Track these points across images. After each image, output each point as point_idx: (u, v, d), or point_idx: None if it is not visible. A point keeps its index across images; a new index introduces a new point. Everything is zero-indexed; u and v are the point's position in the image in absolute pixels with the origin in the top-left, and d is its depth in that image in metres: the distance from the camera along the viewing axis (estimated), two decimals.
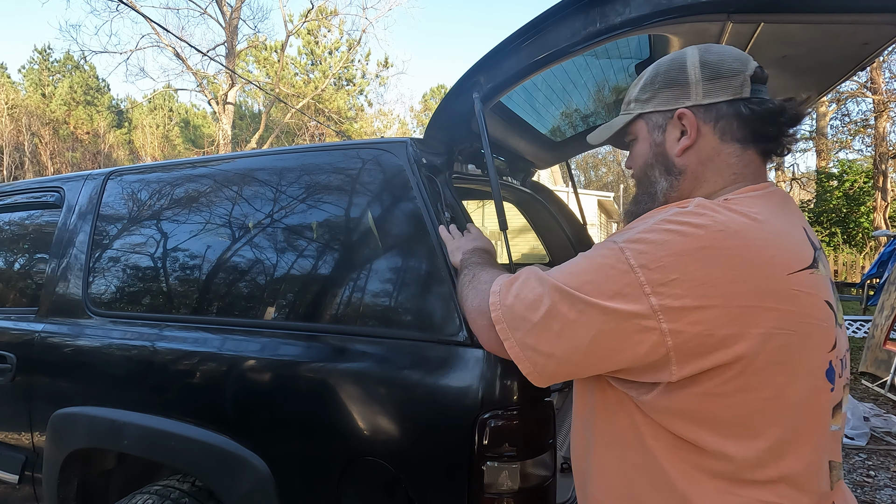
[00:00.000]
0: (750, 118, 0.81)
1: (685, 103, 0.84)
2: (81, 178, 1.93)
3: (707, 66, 0.82)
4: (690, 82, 0.84)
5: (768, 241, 0.70)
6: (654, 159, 0.88)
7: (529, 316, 0.77)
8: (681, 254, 0.68)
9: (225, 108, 18.75)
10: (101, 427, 1.51)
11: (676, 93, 0.85)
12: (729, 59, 0.82)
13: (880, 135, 14.61)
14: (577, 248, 2.57)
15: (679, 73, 0.85)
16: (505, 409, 1.08)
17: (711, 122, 0.82)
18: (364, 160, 1.40)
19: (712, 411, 0.69)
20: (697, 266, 0.67)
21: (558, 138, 2.22)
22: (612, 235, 0.77)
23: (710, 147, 0.83)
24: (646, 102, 0.88)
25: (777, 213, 0.76)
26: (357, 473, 1.18)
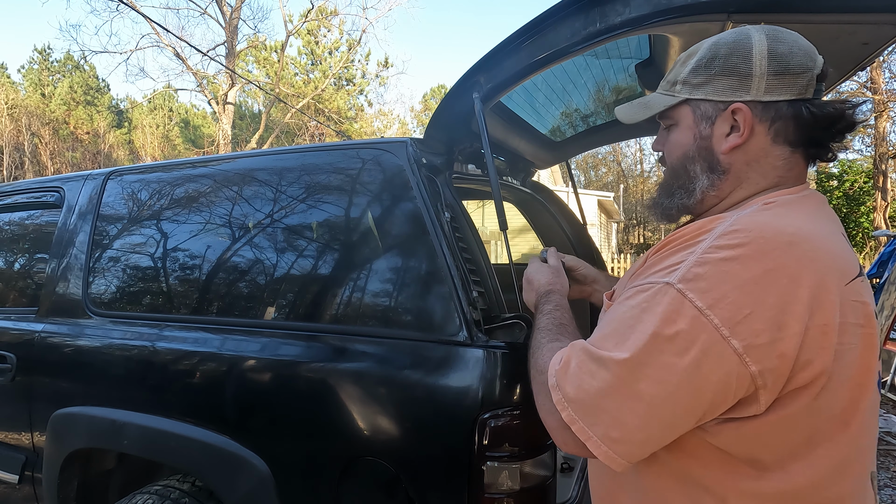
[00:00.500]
0: (809, 122, 0.74)
1: (742, 97, 0.75)
2: (81, 178, 1.93)
3: (776, 59, 0.74)
4: (754, 74, 0.74)
5: (823, 251, 0.66)
6: (696, 153, 0.80)
7: (605, 405, 0.66)
8: (747, 283, 0.62)
9: (225, 108, 18.74)
10: (101, 427, 1.51)
11: (735, 83, 0.76)
12: (799, 53, 0.74)
13: (880, 135, 14.61)
14: (577, 248, 2.57)
15: (742, 62, 0.75)
16: (505, 409, 1.08)
17: (767, 122, 0.75)
18: (364, 160, 1.40)
19: (784, 434, 0.65)
20: (768, 293, 0.62)
21: (558, 138, 2.22)
22: (652, 275, 0.69)
23: (760, 147, 0.76)
24: (696, 87, 0.79)
25: (819, 217, 0.72)
26: (357, 473, 1.18)
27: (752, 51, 0.75)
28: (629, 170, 38.82)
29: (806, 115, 0.74)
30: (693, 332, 0.62)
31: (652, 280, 0.69)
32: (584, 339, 0.74)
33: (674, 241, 0.72)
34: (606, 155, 37.77)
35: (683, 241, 0.70)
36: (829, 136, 0.76)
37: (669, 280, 0.66)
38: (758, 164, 0.77)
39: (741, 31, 0.77)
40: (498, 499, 1.07)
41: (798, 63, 0.74)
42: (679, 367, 0.63)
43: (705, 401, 0.63)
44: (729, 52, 0.76)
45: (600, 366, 0.67)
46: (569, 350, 0.74)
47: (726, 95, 0.76)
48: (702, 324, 0.62)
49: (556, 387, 0.72)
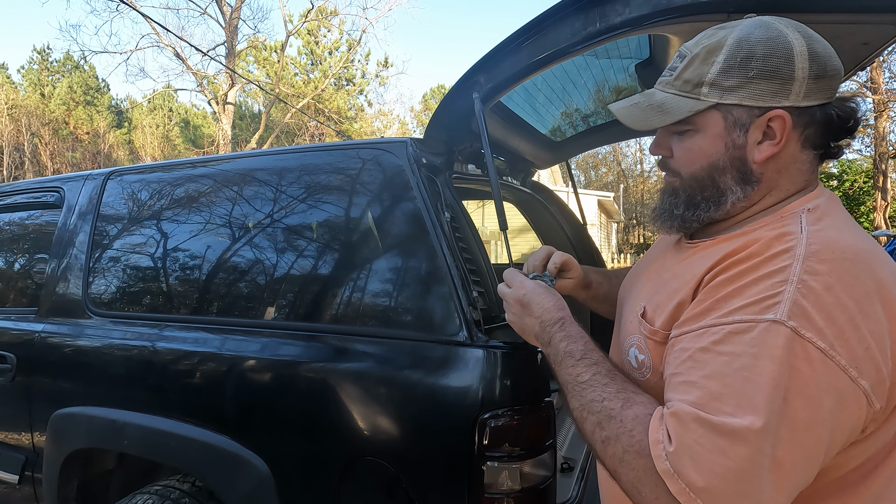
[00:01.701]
0: (835, 125, 0.71)
1: (781, 102, 0.69)
2: (81, 179, 1.93)
3: (816, 61, 0.68)
4: (796, 78, 0.68)
5: (886, 264, 0.63)
6: (728, 163, 0.73)
7: (745, 489, 0.55)
8: (855, 315, 0.58)
9: (225, 109, 18.74)
10: (102, 427, 1.51)
11: (775, 87, 0.69)
12: (833, 54, 0.70)
13: (880, 134, 14.62)
14: (577, 248, 2.57)
15: (784, 64, 0.68)
16: (505, 409, 1.08)
17: (801, 128, 0.71)
18: (364, 160, 1.40)
19: (870, 450, 0.64)
20: (872, 321, 0.58)
21: (558, 138, 2.22)
22: (739, 310, 0.61)
23: (790, 154, 0.72)
24: (729, 91, 0.70)
25: (854, 222, 0.70)
26: (357, 473, 1.18)
27: (794, 51, 0.68)
28: (629, 170, 38.82)
29: (836, 118, 0.70)
30: (823, 378, 0.56)
31: (746, 318, 0.60)
32: (680, 401, 0.62)
33: (741, 263, 0.65)
34: (606, 155, 37.79)
35: (757, 266, 0.63)
36: (844, 136, 0.74)
37: (776, 317, 0.58)
38: (787, 171, 0.73)
39: (771, 27, 0.70)
40: (498, 499, 1.07)
41: (834, 65, 0.70)
42: (817, 423, 0.56)
43: (836, 448, 0.59)
44: (767, 51, 0.69)
45: (733, 441, 0.55)
46: (670, 420, 0.61)
47: (764, 101, 0.70)
48: (829, 367, 0.56)
49: (674, 474, 0.58)
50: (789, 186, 0.74)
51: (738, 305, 0.62)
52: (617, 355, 0.88)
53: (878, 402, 0.58)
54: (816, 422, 0.56)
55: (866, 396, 0.57)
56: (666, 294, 0.76)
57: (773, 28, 0.70)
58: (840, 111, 0.71)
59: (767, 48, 0.69)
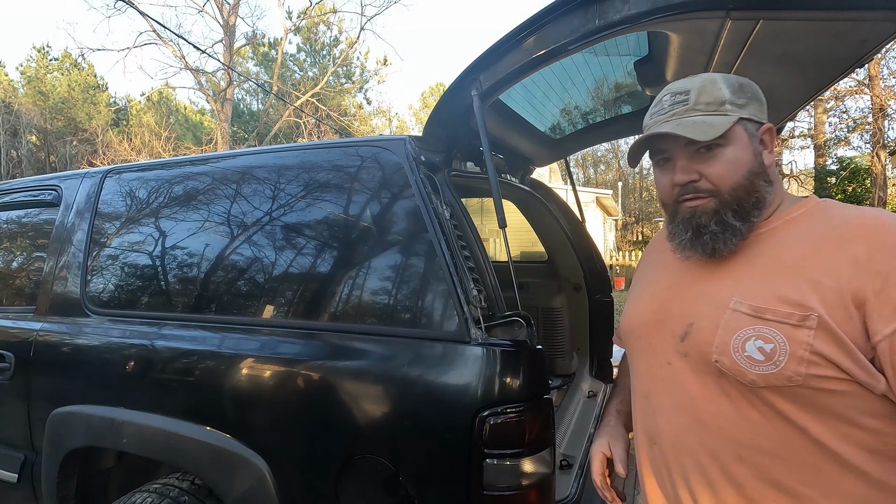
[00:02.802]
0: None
1: (765, 119, 0.86)
2: (79, 177, 1.92)
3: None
4: (764, 102, 0.87)
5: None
6: (758, 168, 0.84)
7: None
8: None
9: (223, 106, 18.70)
10: (100, 425, 1.51)
11: (761, 107, 0.86)
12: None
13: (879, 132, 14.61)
14: (576, 246, 2.57)
15: (758, 92, 0.87)
16: (504, 407, 1.08)
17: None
18: (363, 158, 1.40)
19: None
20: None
21: (557, 135, 2.22)
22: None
23: (773, 161, 0.87)
24: (742, 108, 0.84)
25: None
26: (356, 471, 1.19)
27: (756, 86, 0.87)
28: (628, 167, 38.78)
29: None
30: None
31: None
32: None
33: (883, 246, 0.73)
34: (606, 153, 37.77)
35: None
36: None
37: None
38: (776, 175, 0.87)
39: (727, 74, 0.90)
40: (497, 496, 1.07)
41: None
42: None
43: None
44: (746, 83, 0.86)
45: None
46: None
47: (761, 116, 0.86)
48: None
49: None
50: (780, 189, 0.87)
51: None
52: (674, 371, 0.88)
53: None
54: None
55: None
56: (775, 281, 0.79)
57: (735, 76, 0.89)
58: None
59: (745, 81, 0.87)
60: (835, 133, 17.60)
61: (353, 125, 22.17)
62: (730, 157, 0.83)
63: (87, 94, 22.70)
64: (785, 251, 0.80)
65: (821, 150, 17.60)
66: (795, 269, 0.78)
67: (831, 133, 17.67)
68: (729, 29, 1.07)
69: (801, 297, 0.75)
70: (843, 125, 17.17)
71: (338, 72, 23.48)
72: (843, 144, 17.38)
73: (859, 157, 16.68)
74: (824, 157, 17.71)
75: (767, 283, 0.79)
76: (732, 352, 0.78)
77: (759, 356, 0.76)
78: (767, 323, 0.76)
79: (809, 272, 0.76)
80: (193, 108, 26.89)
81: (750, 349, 0.77)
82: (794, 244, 0.80)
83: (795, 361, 0.73)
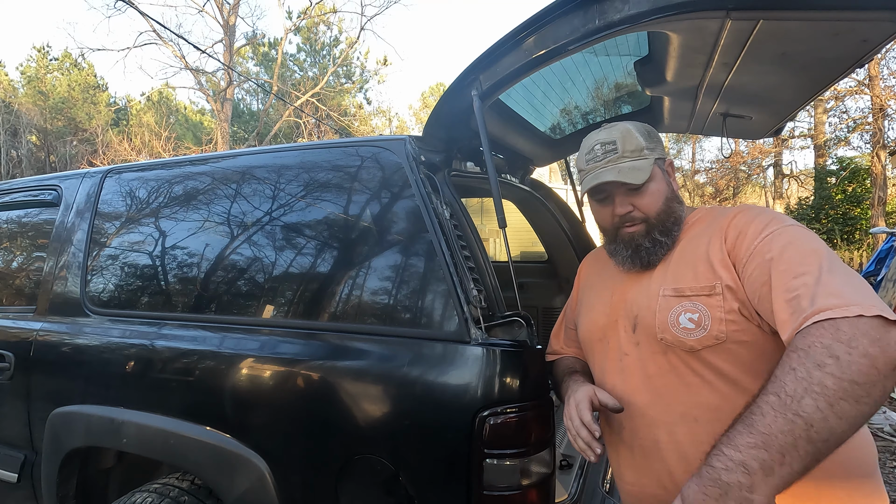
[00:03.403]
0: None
1: (664, 154, 1.11)
2: (79, 177, 1.92)
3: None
4: (661, 142, 1.13)
5: None
6: (672, 195, 1.09)
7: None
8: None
9: (223, 106, 18.70)
10: (100, 425, 1.51)
11: (660, 146, 1.10)
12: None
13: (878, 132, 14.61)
14: (576, 246, 2.57)
15: (657, 134, 1.13)
16: (504, 407, 1.08)
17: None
18: (363, 158, 1.40)
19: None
20: None
21: (557, 135, 2.22)
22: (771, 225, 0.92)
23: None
24: (653, 150, 1.08)
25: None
26: (356, 471, 1.19)
27: (652, 129, 1.13)
28: None
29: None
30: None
31: (775, 227, 0.92)
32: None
33: (738, 222, 0.99)
34: None
35: (751, 216, 0.98)
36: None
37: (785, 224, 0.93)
38: (680, 195, 1.14)
39: (635, 122, 1.12)
40: (497, 496, 1.07)
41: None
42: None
43: None
44: (650, 129, 1.12)
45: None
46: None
47: (662, 154, 1.10)
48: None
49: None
50: (683, 202, 1.13)
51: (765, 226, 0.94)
52: (635, 358, 1.05)
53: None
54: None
55: None
56: (687, 266, 1.01)
57: (635, 122, 1.12)
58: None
59: (648, 128, 1.13)
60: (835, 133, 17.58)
61: (353, 125, 22.17)
62: (652, 191, 1.07)
63: (87, 94, 22.70)
64: (689, 245, 1.04)
65: (821, 151, 17.60)
66: (696, 254, 1.01)
67: (831, 133, 17.66)
68: (729, 29, 1.07)
69: (705, 272, 0.97)
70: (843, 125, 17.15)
71: (338, 72, 23.48)
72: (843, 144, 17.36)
73: (859, 157, 16.67)
74: (824, 157, 17.71)
75: (682, 270, 1.01)
76: (671, 327, 0.98)
77: (691, 325, 0.95)
78: (689, 298, 0.97)
79: (705, 253, 0.99)
80: (193, 108, 26.89)
81: (683, 322, 0.96)
82: (694, 239, 1.04)
83: (717, 322, 0.93)
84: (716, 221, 1.03)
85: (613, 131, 1.08)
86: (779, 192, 19.98)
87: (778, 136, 1.26)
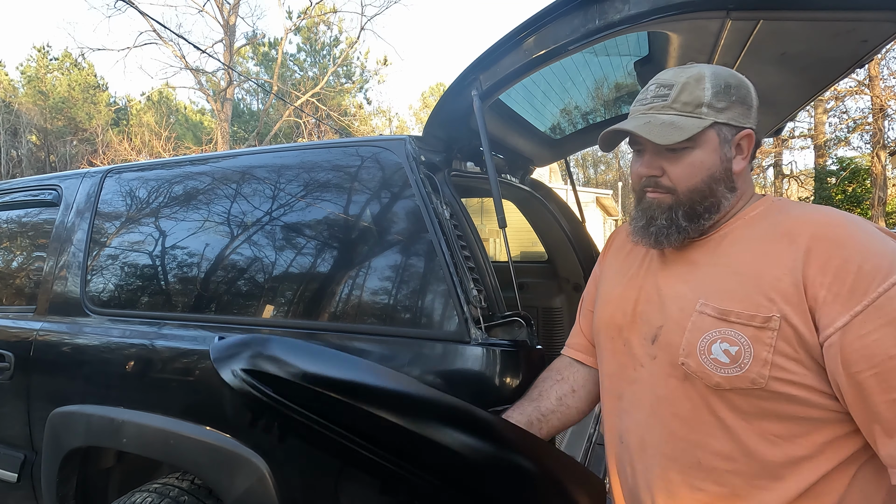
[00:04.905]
0: (757, 146, 0.89)
1: (749, 124, 0.85)
2: (79, 176, 1.92)
3: (757, 97, 0.88)
4: (753, 106, 0.86)
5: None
6: (722, 174, 0.85)
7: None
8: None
9: (223, 106, 18.71)
10: (100, 425, 1.51)
11: (745, 112, 0.85)
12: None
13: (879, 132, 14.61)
14: (576, 246, 2.57)
15: (747, 95, 0.86)
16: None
17: (753, 146, 0.88)
18: (363, 157, 1.40)
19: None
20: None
21: (557, 135, 2.22)
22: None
23: (747, 167, 0.88)
24: (720, 112, 0.84)
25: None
26: (356, 471, 1.18)
27: (750, 87, 0.87)
28: (628, 167, 38.81)
29: (759, 141, 0.90)
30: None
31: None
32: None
33: (833, 241, 0.73)
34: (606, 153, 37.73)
35: (863, 262, 0.70)
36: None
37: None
38: (746, 180, 0.88)
39: (726, 69, 0.88)
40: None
41: (756, 102, 0.88)
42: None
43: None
44: (737, 84, 0.85)
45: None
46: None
47: (740, 122, 0.85)
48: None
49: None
50: (748, 192, 0.89)
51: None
52: (646, 373, 0.89)
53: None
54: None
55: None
56: (736, 283, 0.79)
57: (729, 69, 0.88)
58: (759, 136, 0.88)
59: (737, 81, 0.85)
60: (835, 133, 17.58)
61: (353, 125, 22.17)
62: (693, 161, 0.85)
63: (87, 93, 22.70)
64: (745, 251, 0.81)
65: (821, 151, 17.59)
66: (751, 267, 0.79)
67: (831, 133, 17.65)
68: (729, 29, 1.07)
69: (759, 295, 0.75)
70: (843, 125, 17.15)
71: (338, 72, 23.49)
72: (843, 145, 17.36)
73: (859, 157, 16.67)
74: (824, 157, 17.70)
75: (731, 284, 0.79)
76: (699, 354, 0.79)
77: (725, 359, 0.76)
78: (732, 325, 0.76)
79: (766, 270, 0.77)
80: (193, 107, 26.90)
81: (716, 351, 0.77)
82: (753, 243, 0.81)
83: (759, 364, 0.73)
84: (783, 226, 0.79)
85: (681, 74, 0.86)
86: (779, 192, 19.99)
87: (778, 137, 1.26)
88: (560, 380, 1.10)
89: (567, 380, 1.10)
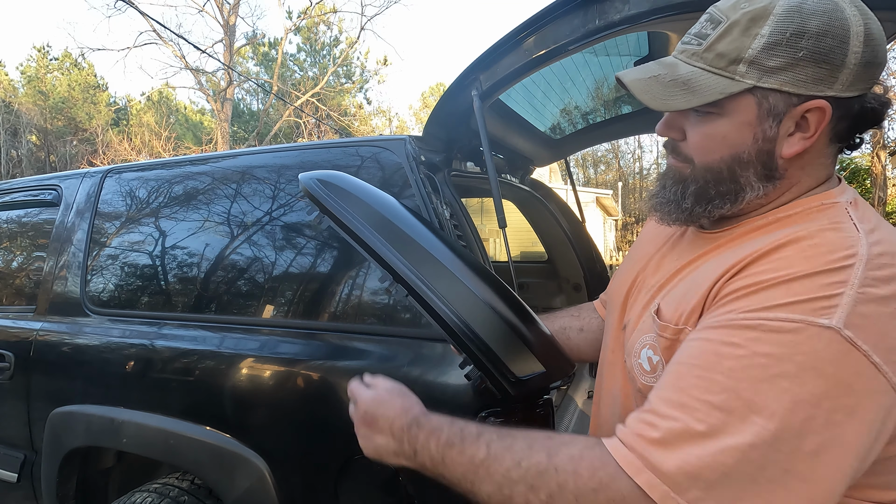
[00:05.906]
0: (868, 119, 0.62)
1: (825, 91, 0.58)
2: (79, 176, 1.92)
3: (870, 45, 0.57)
4: (847, 65, 0.57)
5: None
6: (754, 157, 0.63)
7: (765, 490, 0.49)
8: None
9: (223, 106, 18.71)
10: (100, 425, 1.51)
11: (822, 73, 0.57)
12: (884, 37, 0.59)
13: (880, 132, 14.61)
14: (576, 246, 2.57)
15: (839, 46, 0.56)
16: (504, 407, 1.08)
17: (835, 121, 0.60)
18: (363, 158, 1.40)
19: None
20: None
21: (557, 135, 2.22)
22: (774, 308, 0.52)
23: (818, 149, 0.63)
24: (770, 73, 0.58)
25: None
26: (356, 471, 1.19)
27: (850, 31, 0.56)
28: (628, 167, 38.83)
29: (870, 113, 0.61)
30: (864, 387, 0.49)
31: (786, 316, 0.51)
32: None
33: (772, 258, 0.57)
34: (606, 153, 37.78)
35: (798, 264, 0.54)
36: (869, 128, 0.64)
37: (832, 323, 0.49)
38: (811, 167, 0.64)
39: (808, 5, 0.57)
40: None
41: (884, 51, 0.58)
42: (851, 449, 0.49)
43: (869, 456, 0.52)
44: (823, 28, 0.56)
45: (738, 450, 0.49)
46: (671, 415, 0.54)
47: (806, 88, 0.58)
48: (877, 382, 0.49)
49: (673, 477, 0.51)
50: (810, 182, 0.65)
51: (768, 304, 0.53)
52: (614, 360, 0.83)
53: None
54: (853, 446, 0.49)
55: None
56: (687, 288, 0.66)
57: (830, 1, 0.57)
58: (877, 104, 0.61)
59: (823, 24, 0.56)
60: None
61: (353, 125, 22.18)
62: (713, 132, 0.64)
63: (87, 93, 22.72)
64: (731, 256, 0.62)
65: None
66: (705, 278, 0.63)
67: None
68: None
69: (686, 308, 0.63)
70: None
71: (338, 72, 23.51)
72: None
73: (859, 157, 16.68)
74: None
75: (681, 290, 0.67)
76: (634, 356, 0.71)
77: (647, 366, 0.68)
78: (658, 334, 0.67)
79: (707, 283, 0.62)
80: (193, 107, 26.91)
81: (643, 357, 0.69)
82: (727, 254, 0.64)
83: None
84: (763, 240, 0.61)
85: (742, 5, 0.60)
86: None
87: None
88: (576, 315, 1.10)
89: (581, 318, 1.09)
